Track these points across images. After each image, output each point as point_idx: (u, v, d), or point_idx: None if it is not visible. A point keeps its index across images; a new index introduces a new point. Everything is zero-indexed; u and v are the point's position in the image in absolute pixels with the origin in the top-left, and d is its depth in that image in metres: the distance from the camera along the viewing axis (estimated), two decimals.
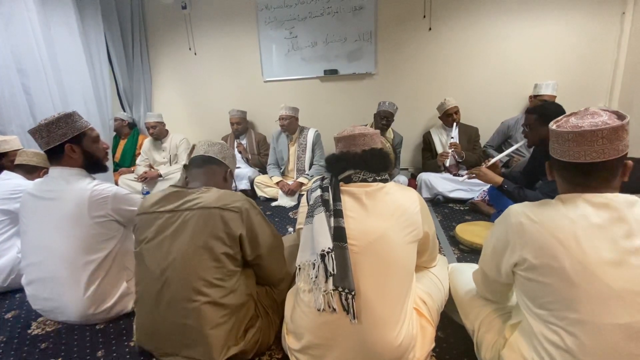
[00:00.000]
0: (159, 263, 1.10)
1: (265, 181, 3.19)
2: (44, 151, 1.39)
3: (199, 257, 1.07)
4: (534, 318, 0.87)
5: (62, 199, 1.36)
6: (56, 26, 2.82)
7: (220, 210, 1.09)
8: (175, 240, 1.09)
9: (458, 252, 2.01)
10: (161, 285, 1.10)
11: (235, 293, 1.13)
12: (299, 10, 3.44)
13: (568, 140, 0.84)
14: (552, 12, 2.94)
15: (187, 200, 1.13)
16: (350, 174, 1.09)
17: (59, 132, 1.35)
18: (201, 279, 1.07)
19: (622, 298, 0.75)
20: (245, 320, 1.17)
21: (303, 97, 3.62)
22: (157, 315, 1.13)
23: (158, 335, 1.15)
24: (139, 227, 1.17)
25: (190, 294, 1.07)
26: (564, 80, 2.95)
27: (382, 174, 1.11)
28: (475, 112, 3.23)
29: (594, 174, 0.83)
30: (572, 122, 0.85)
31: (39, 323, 1.51)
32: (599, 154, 0.81)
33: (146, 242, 1.13)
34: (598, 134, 0.80)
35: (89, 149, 1.43)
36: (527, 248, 0.85)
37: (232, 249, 1.11)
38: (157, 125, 3.35)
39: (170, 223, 1.11)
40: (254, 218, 1.15)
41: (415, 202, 1.08)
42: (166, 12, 3.76)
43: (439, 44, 3.25)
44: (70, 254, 1.35)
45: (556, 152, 0.89)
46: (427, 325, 1.10)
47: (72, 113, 1.40)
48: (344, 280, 0.95)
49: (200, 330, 1.09)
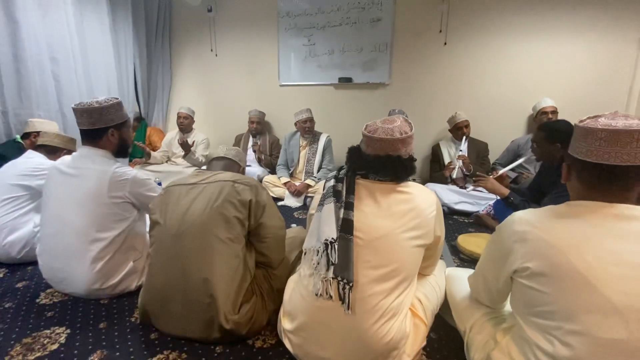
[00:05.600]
0: (177, 220, 1.23)
1: (273, 181, 3.25)
2: (83, 130, 1.48)
3: (214, 216, 1.20)
4: (528, 325, 0.86)
5: (86, 176, 1.45)
6: (89, 20, 3.00)
7: (233, 182, 1.26)
8: (194, 203, 1.24)
9: (458, 261, 2.01)
10: (177, 239, 1.21)
11: (238, 259, 1.23)
12: (318, 19, 3.56)
13: (600, 139, 0.78)
14: (567, 34, 2.97)
15: (208, 177, 1.32)
16: (367, 173, 1.08)
17: (108, 117, 1.48)
18: (213, 234, 1.20)
19: (622, 314, 0.72)
20: (242, 292, 1.24)
21: (317, 102, 3.70)
22: (168, 273, 1.22)
23: (166, 295, 1.23)
24: (164, 194, 1.32)
25: (202, 245, 1.19)
26: (577, 103, 2.96)
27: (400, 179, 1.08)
28: (486, 128, 3.25)
29: (617, 178, 0.79)
30: (603, 121, 0.80)
31: (47, 294, 1.58)
32: (630, 157, 0.76)
33: (169, 205, 1.27)
34: (634, 135, 0.75)
35: (125, 136, 1.57)
36: (529, 256, 0.83)
37: (242, 213, 1.24)
38: (188, 117, 3.55)
39: (191, 192, 1.27)
40: (262, 193, 1.30)
41: (432, 205, 1.06)
42: (192, 14, 3.93)
43: (453, 58, 3.30)
44: (84, 228, 1.42)
45: (580, 152, 0.83)
46: (420, 324, 1.11)
47: (120, 102, 1.53)
48: (345, 270, 0.96)
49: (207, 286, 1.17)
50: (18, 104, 2.56)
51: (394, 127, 1.05)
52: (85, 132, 1.48)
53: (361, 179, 1.09)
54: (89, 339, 1.28)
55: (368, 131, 1.07)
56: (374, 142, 1.05)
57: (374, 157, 1.05)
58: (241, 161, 1.53)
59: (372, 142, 1.06)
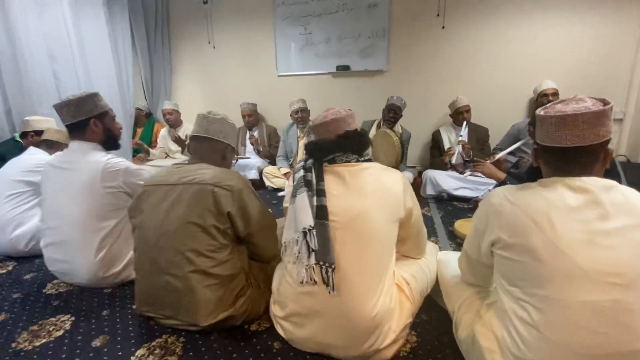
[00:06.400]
0: (155, 231, 1.19)
1: (273, 172, 3.28)
2: (68, 125, 1.53)
3: (191, 228, 1.15)
4: (506, 295, 0.91)
5: (79, 169, 1.49)
6: (85, 17, 3.02)
7: (213, 187, 1.16)
8: (171, 212, 1.17)
9: (455, 245, 2.02)
10: (157, 252, 1.19)
11: (225, 264, 1.20)
12: (314, 6, 3.52)
13: (551, 124, 0.85)
14: (568, 15, 2.89)
15: (186, 175, 1.21)
16: (334, 157, 1.13)
17: (86, 108, 1.50)
18: (191, 249, 1.15)
19: (590, 277, 0.77)
20: (236, 290, 1.24)
21: (315, 92, 3.70)
22: (153, 280, 1.22)
23: (155, 299, 1.25)
24: (140, 197, 1.26)
25: (180, 262, 1.15)
26: (579, 84, 2.89)
27: (365, 155, 1.15)
28: (486, 113, 3.20)
29: (574, 159, 0.85)
30: (558, 107, 0.87)
31: (53, 284, 1.64)
32: (579, 139, 0.82)
33: (146, 211, 1.23)
34: (579, 118, 0.81)
35: (109, 126, 1.59)
36: (504, 227, 0.89)
37: (222, 224, 1.17)
38: (173, 112, 3.56)
39: (168, 195, 1.20)
40: (246, 197, 1.21)
41: (399, 182, 1.12)
42: (189, 7, 3.93)
43: (452, 42, 3.24)
44: (83, 219, 1.47)
45: (540, 137, 0.91)
46: (405, 301, 1.15)
47: (97, 93, 1.56)
48: (325, 255, 1.01)
49: (190, 296, 1.17)
50: (20, 102, 2.61)
51: (338, 109, 1.17)
52: (69, 127, 1.53)
53: (328, 165, 1.13)
54: (92, 325, 1.34)
55: (320, 120, 1.16)
56: (330, 124, 1.13)
57: (336, 136, 1.12)
58: (228, 135, 1.34)
59: (328, 126, 1.14)
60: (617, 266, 0.76)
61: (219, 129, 1.33)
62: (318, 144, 1.15)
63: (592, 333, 0.77)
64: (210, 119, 1.32)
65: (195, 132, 1.33)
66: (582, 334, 0.77)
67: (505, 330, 0.90)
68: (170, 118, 3.56)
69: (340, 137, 1.12)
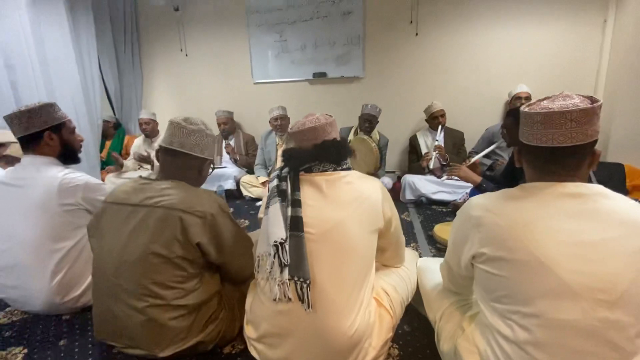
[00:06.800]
0: (114, 259, 1.06)
1: (251, 181, 3.19)
2: (19, 137, 1.40)
3: (154, 260, 1.03)
4: (489, 311, 0.85)
5: (31, 186, 1.37)
6: (46, 24, 2.86)
7: (182, 213, 1.03)
8: (133, 238, 1.04)
9: (435, 251, 2.01)
10: (116, 280, 1.07)
11: (194, 293, 1.10)
12: (288, 14, 3.49)
13: (536, 122, 0.79)
14: (535, 20, 3.00)
15: (152, 196, 1.06)
16: (310, 165, 1.08)
17: (40, 120, 1.38)
18: (154, 281, 1.04)
19: (576, 293, 0.71)
20: (207, 316, 1.14)
21: (292, 99, 3.66)
22: (110, 308, 1.10)
23: (113, 328, 1.12)
24: (100, 215, 1.15)
25: (142, 295, 1.04)
26: (549, 87, 2.98)
27: (343, 163, 1.10)
28: (461, 117, 3.26)
29: (561, 159, 0.79)
30: (543, 104, 0.81)
31: (6, 313, 1.49)
32: (566, 138, 0.76)
33: (105, 234, 1.11)
34: (567, 116, 0.75)
35: (67, 139, 1.47)
36: (484, 241, 0.83)
37: (191, 254, 1.06)
38: (150, 122, 3.41)
39: (131, 218, 1.06)
40: (220, 224, 1.09)
41: (377, 191, 1.07)
42: (158, 14, 3.81)
43: (425, 49, 3.29)
44: (37, 241, 1.34)
45: (524, 136, 0.84)
46: (385, 314, 1.10)
47: (53, 103, 1.44)
48: (299, 269, 0.94)
49: (152, 327, 1.06)
50: None
51: (317, 117, 1.11)
52: (21, 140, 1.40)
53: (304, 174, 1.07)
54: (47, 358, 1.22)
55: (297, 127, 1.10)
56: (307, 133, 1.07)
57: (313, 146, 1.07)
58: (206, 149, 1.16)
59: (305, 135, 1.08)
60: (603, 281, 0.71)
61: (196, 142, 1.13)
62: (295, 153, 1.09)
63: (580, 353, 0.72)
64: (187, 130, 1.12)
65: (167, 144, 1.12)
66: (569, 355, 0.73)
67: (488, 346, 0.85)
68: (147, 128, 3.39)
69: (318, 146, 1.06)
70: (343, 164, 1.11)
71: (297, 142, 1.10)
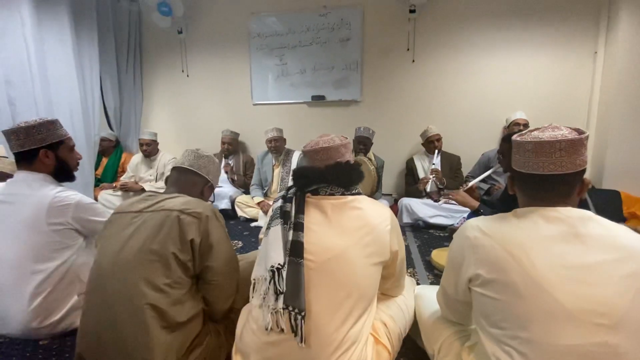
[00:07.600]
0: (112, 259, 1.07)
1: (246, 201, 3.16)
2: (15, 153, 1.38)
3: (148, 256, 1.04)
4: (488, 338, 0.83)
5: (21, 203, 1.32)
6: (50, 42, 2.90)
7: (179, 213, 1.07)
8: (132, 239, 1.07)
9: (432, 277, 1.95)
10: (110, 282, 1.05)
11: (181, 306, 1.06)
12: (289, 39, 3.59)
13: (527, 150, 0.83)
14: (528, 49, 3.10)
15: (154, 203, 1.13)
16: (318, 187, 1.04)
17: (38, 137, 1.36)
18: (148, 281, 1.03)
19: (574, 317, 0.71)
20: (191, 337, 1.09)
21: (290, 121, 3.69)
22: (100, 317, 1.06)
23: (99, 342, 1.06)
24: (106, 225, 1.17)
25: (134, 295, 1.02)
26: (543, 114, 3.04)
27: (352, 188, 1.05)
28: (457, 142, 3.29)
29: (551, 187, 0.83)
30: (534, 134, 0.85)
31: None
32: (557, 167, 0.80)
33: (107, 240, 1.12)
34: (556, 146, 0.80)
35: (63, 157, 1.44)
36: (480, 262, 0.83)
37: (183, 253, 1.06)
38: (152, 143, 3.39)
39: (131, 223, 1.10)
40: (212, 228, 1.11)
41: (387, 220, 1.01)
42: (162, 36, 3.90)
43: (421, 75, 3.37)
44: (18, 261, 1.28)
45: (517, 164, 0.88)
46: (382, 351, 1.03)
47: (55, 120, 1.42)
48: (295, 299, 0.89)
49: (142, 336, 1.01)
50: None
51: (332, 137, 1.08)
52: (17, 155, 1.38)
53: (311, 197, 1.03)
54: None
55: (310, 146, 1.08)
56: (319, 153, 1.05)
57: (325, 167, 1.03)
58: (210, 173, 1.31)
59: (317, 154, 1.05)
60: (601, 304, 0.70)
61: (204, 164, 1.30)
62: (305, 172, 1.05)
63: None
64: (198, 154, 1.30)
65: (179, 164, 1.28)
66: None
67: None
68: (148, 149, 3.38)
69: (330, 167, 1.03)
70: (352, 189, 1.05)
71: (309, 161, 1.08)
